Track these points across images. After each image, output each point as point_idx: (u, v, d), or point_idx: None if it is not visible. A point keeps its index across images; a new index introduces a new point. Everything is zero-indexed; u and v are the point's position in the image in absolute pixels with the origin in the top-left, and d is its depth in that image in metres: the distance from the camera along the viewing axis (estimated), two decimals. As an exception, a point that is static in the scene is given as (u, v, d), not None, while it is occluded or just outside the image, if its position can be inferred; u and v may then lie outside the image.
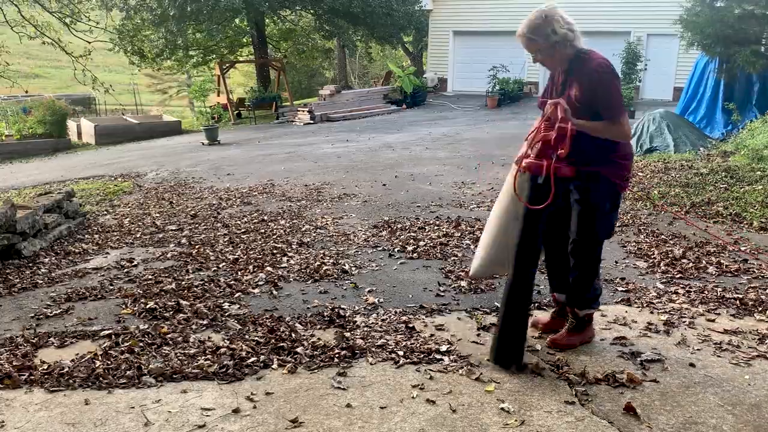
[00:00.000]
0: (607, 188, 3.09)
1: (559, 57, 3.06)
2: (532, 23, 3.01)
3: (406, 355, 3.25)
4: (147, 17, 18.88)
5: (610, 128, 2.99)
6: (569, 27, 2.99)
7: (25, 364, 3.19)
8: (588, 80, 2.98)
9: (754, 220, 5.89)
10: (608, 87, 2.96)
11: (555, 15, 2.99)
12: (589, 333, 3.39)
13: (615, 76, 3.00)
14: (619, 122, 2.98)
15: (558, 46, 3.00)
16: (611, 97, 2.96)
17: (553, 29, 2.97)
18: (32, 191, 8.68)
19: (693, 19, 10.70)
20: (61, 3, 14.20)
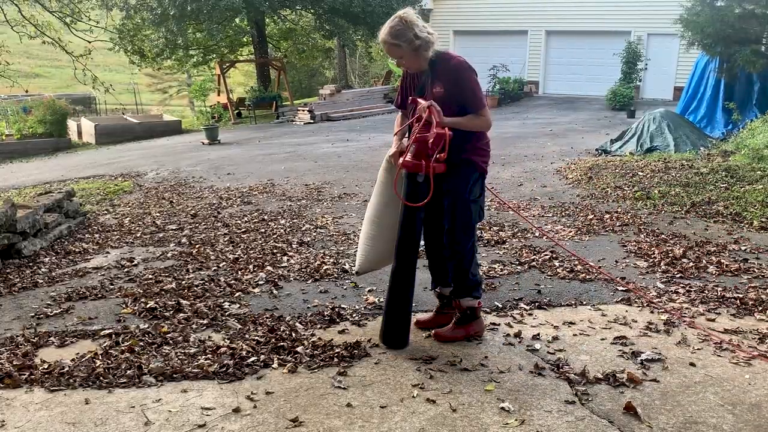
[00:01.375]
0: (476, 175, 3.30)
1: (422, 60, 3.18)
2: (393, 29, 3.10)
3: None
4: (147, 17, 18.87)
5: (474, 120, 3.20)
6: (428, 30, 3.14)
7: (25, 363, 3.19)
8: (452, 77, 3.16)
9: (755, 220, 5.89)
10: (470, 82, 3.15)
11: (414, 20, 3.11)
12: (476, 327, 3.45)
13: (474, 72, 3.19)
14: (482, 114, 3.20)
15: (421, 49, 3.12)
16: (474, 91, 3.16)
17: (415, 33, 3.08)
18: (32, 191, 8.68)
19: (693, 18, 10.71)
20: (61, 3, 14.22)
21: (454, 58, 3.19)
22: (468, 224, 3.28)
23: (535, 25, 20.07)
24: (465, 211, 3.26)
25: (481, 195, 3.35)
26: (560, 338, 3.46)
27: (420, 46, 3.10)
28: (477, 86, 3.18)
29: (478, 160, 3.30)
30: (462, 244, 3.29)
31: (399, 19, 3.09)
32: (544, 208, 6.72)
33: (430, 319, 3.61)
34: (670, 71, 18.20)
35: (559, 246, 5.08)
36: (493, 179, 8.40)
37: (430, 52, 3.15)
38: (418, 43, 3.09)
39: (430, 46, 3.13)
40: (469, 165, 3.27)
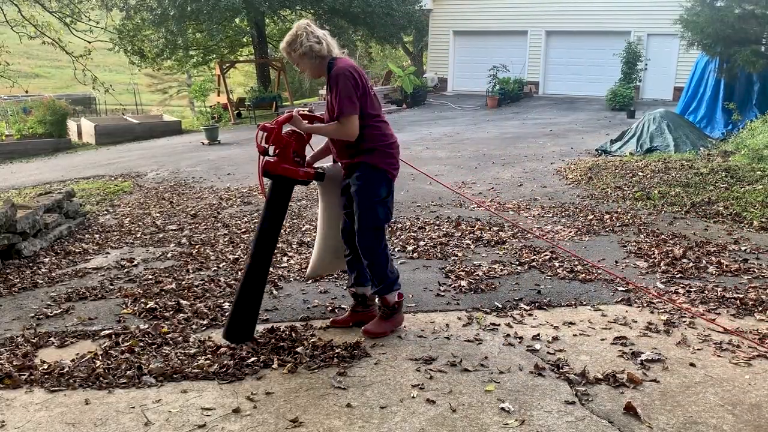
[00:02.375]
0: (378, 175, 3.37)
1: (312, 66, 3.34)
2: (287, 38, 3.32)
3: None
4: (147, 17, 18.86)
5: (336, 128, 3.29)
6: (316, 39, 3.27)
7: (25, 363, 3.19)
8: (330, 83, 3.29)
9: (755, 220, 5.89)
10: (337, 89, 3.23)
11: (305, 30, 3.28)
12: (399, 319, 3.59)
13: (349, 80, 3.23)
14: (341, 122, 3.24)
15: (307, 57, 3.28)
16: (339, 99, 3.23)
17: (301, 42, 3.26)
18: (32, 191, 8.68)
19: (693, 18, 10.71)
20: (61, 3, 14.21)
21: (336, 65, 3.28)
22: (372, 224, 3.38)
23: (535, 25, 20.07)
24: (369, 212, 3.36)
25: (387, 196, 3.42)
26: (560, 338, 3.46)
27: (305, 53, 3.26)
28: (344, 94, 3.21)
29: (374, 161, 3.35)
30: (371, 244, 3.39)
31: (294, 29, 3.30)
32: (544, 208, 6.72)
33: (346, 318, 3.69)
34: (670, 71, 18.20)
35: (529, 232, 5.08)
36: (494, 179, 8.40)
37: (317, 60, 3.29)
38: (302, 51, 3.26)
39: (315, 53, 3.27)
40: (366, 167, 3.35)
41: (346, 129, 3.25)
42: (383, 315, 3.53)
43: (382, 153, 3.36)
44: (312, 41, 3.25)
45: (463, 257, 5.00)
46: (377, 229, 3.40)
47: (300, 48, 3.25)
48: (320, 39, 3.28)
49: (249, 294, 3.37)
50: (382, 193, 3.38)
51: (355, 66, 3.31)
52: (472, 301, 4.06)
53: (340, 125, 3.25)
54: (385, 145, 3.38)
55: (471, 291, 4.25)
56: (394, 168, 3.44)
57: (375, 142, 3.35)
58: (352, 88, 3.22)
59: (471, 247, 5.28)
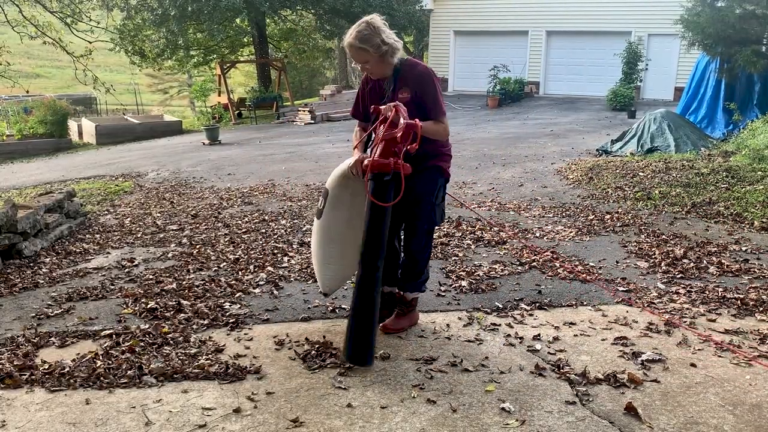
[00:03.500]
0: (442, 180, 3.41)
1: (387, 66, 3.23)
2: (361, 33, 3.12)
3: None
4: (148, 17, 18.88)
5: (435, 127, 3.24)
6: (394, 37, 3.18)
7: (26, 363, 3.19)
8: (419, 83, 3.21)
9: (756, 220, 5.89)
10: (434, 90, 3.24)
11: (382, 26, 3.15)
12: (416, 316, 3.64)
13: (437, 81, 3.28)
14: (442, 121, 3.26)
15: (387, 55, 3.17)
16: (437, 98, 3.23)
17: (382, 39, 3.12)
18: (33, 191, 8.68)
19: (694, 19, 10.71)
20: (62, 3, 14.21)
21: (420, 64, 3.30)
22: (431, 227, 3.43)
23: (535, 25, 20.07)
24: (430, 215, 3.37)
25: (443, 199, 3.47)
26: (561, 339, 3.46)
27: (386, 51, 3.15)
28: (440, 94, 3.27)
29: (443, 166, 3.40)
30: (422, 245, 3.42)
31: (366, 24, 3.13)
32: (544, 208, 6.72)
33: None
34: (671, 72, 18.20)
35: (501, 228, 5.08)
36: (494, 180, 8.40)
37: (395, 58, 3.22)
38: (385, 49, 3.13)
39: (396, 52, 3.19)
40: (435, 170, 3.36)
41: (445, 128, 3.29)
42: (401, 311, 3.56)
43: (446, 156, 3.43)
44: (393, 39, 3.15)
45: (463, 257, 5.00)
46: (430, 230, 3.46)
47: (384, 46, 3.11)
48: (396, 37, 3.20)
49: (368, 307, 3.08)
50: (441, 196, 3.44)
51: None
52: (472, 301, 4.06)
53: (441, 124, 3.25)
54: (449, 149, 3.46)
55: (471, 291, 4.25)
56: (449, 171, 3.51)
57: (446, 147, 3.42)
58: (440, 89, 3.29)
59: (472, 247, 5.28)
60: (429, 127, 3.21)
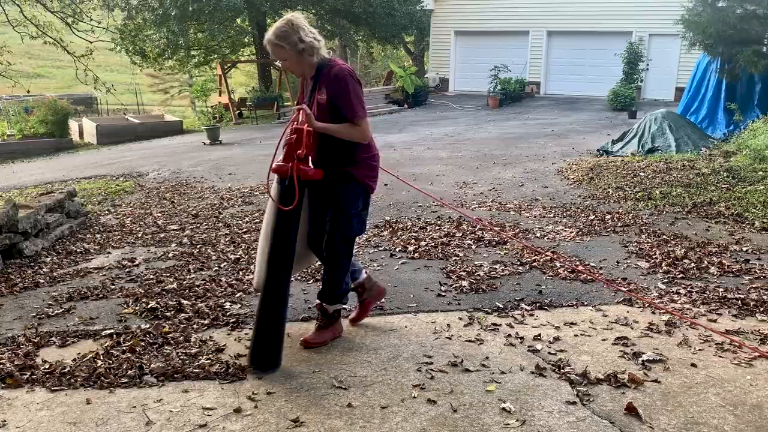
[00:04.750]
0: (358, 189, 3.29)
1: (306, 64, 3.17)
2: (279, 30, 3.09)
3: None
4: (149, 17, 18.88)
5: (350, 130, 3.15)
6: (314, 36, 3.13)
7: (26, 363, 3.19)
8: (332, 85, 3.13)
9: (756, 221, 5.88)
10: (349, 91, 3.12)
11: (301, 23, 3.11)
12: (339, 328, 3.50)
13: (356, 81, 3.17)
14: (358, 124, 3.15)
15: (304, 53, 3.11)
16: (352, 100, 3.12)
17: (299, 37, 3.07)
18: (34, 191, 8.69)
19: (695, 19, 10.70)
20: (63, 3, 14.21)
21: (337, 65, 3.18)
22: (345, 236, 3.31)
23: (536, 25, 20.06)
24: (344, 223, 3.28)
25: (364, 209, 3.36)
26: (561, 339, 3.46)
27: (303, 50, 3.09)
28: (356, 96, 3.14)
29: (359, 174, 3.26)
30: (339, 254, 3.32)
31: (286, 21, 3.10)
32: (545, 208, 6.72)
33: (359, 312, 3.67)
34: (672, 72, 18.18)
35: (466, 216, 5.08)
36: (495, 180, 8.40)
37: (315, 57, 3.14)
38: (302, 47, 3.08)
39: (315, 51, 3.12)
40: (350, 178, 3.25)
41: (362, 130, 3.17)
42: (322, 324, 3.44)
43: (366, 166, 3.30)
44: (311, 36, 3.10)
45: (464, 257, 5.00)
46: (349, 241, 3.35)
47: (300, 43, 3.07)
48: (317, 36, 3.14)
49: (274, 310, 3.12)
50: (359, 206, 3.32)
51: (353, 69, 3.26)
52: (473, 302, 4.05)
53: (356, 127, 3.15)
54: (369, 157, 3.31)
55: (472, 291, 4.24)
56: (374, 181, 3.37)
57: (363, 153, 3.27)
58: (360, 90, 3.16)
59: (472, 247, 5.28)
60: (340, 130, 3.15)
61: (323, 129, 3.15)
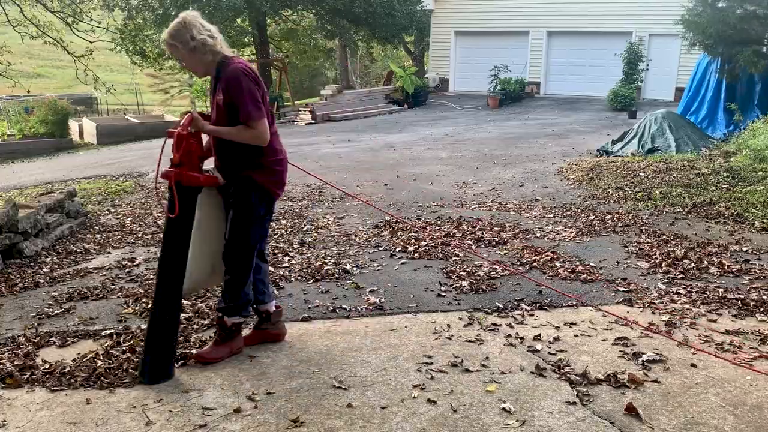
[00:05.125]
0: (260, 193, 3.12)
1: (201, 63, 3.05)
2: (172, 29, 3.01)
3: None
4: (149, 17, 18.88)
5: (243, 132, 3.00)
6: (209, 33, 3.00)
7: (26, 363, 3.19)
8: (226, 85, 2.98)
9: (756, 221, 5.88)
10: (242, 91, 2.96)
11: (194, 21, 3.00)
12: (238, 343, 3.29)
13: (251, 80, 2.99)
14: (252, 126, 2.98)
15: (197, 51, 2.99)
16: (245, 100, 2.95)
17: (191, 35, 2.96)
18: (34, 191, 8.68)
19: (695, 19, 10.70)
20: (63, 3, 14.21)
21: (232, 64, 3.02)
22: (244, 243, 3.14)
23: (536, 25, 20.05)
24: (243, 231, 3.12)
25: (265, 215, 3.20)
26: (561, 339, 3.46)
27: (195, 47, 2.97)
28: (250, 96, 2.96)
29: (259, 179, 3.10)
30: (237, 261, 3.15)
31: (179, 19, 3.01)
32: (545, 208, 6.72)
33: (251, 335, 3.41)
34: (672, 72, 18.18)
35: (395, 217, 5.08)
36: (495, 180, 8.40)
37: (209, 55, 3.01)
38: (193, 45, 2.96)
39: (209, 49, 2.99)
40: (249, 183, 3.09)
41: (258, 133, 2.98)
42: (219, 338, 3.25)
43: (269, 170, 3.13)
44: (205, 34, 2.98)
45: (464, 257, 5.00)
46: (249, 248, 3.16)
47: (192, 41, 2.95)
48: (213, 33, 3.02)
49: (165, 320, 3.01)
50: (261, 212, 3.16)
51: (253, 67, 3.08)
52: (473, 302, 4.05)
53: (250, 129, 2.98)
54: (274, 161, 3.14)
55: (472, 291, 4.24)
56: (279, 186, 3.20)
57: (265, 157, 3.10)
58: (255, 90, 2.98)
59: (473, 247, 5.28)
60: (232, 132, 3.01)
61: (214, 132, 3.05)
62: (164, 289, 3.03)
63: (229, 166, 3.13)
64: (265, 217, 3.22)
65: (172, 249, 3.04)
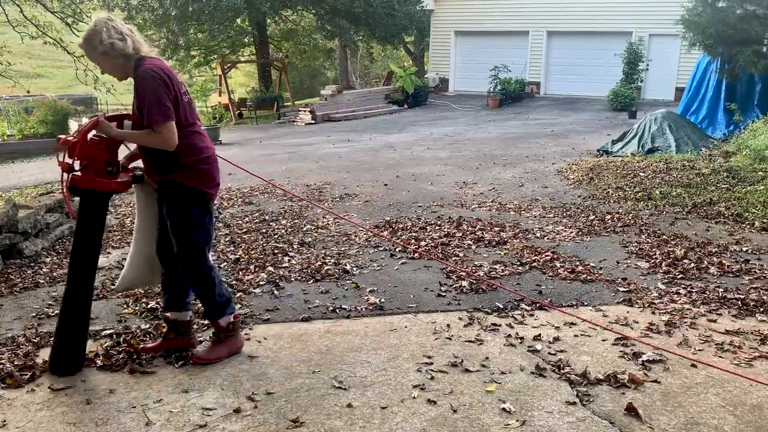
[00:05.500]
0: (190, 195, 3.04)
1: (114, 66, 2.99)
2: (86, 33, 2.96)
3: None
4: (149, 17, 18.90)
5: (149, 136, 2.92)
6: (119, 36, 2.92)
7: (26, 363, 3.19)
8: (135, 87, 2.93)
9: (756, 221, 5.88)
10: (145, 93, 2.88)
11: (105, 24, 2.93)
12: (237, 343, 3.28)
13: (159, 82, 2.89)
14: (157, 130, 2.88)
15: (108, 55, 2.93)
16: (148, 102, 2.87)
17: (100, 39, 2.90)
18: (34, 191, 8.68)
19: (695, 19, 10.70)
20: (63, 3, 14.22)
21: (142, 66, 2.93)
22: (191, 249, 3.07)
23: (536, 25, 20.06)
24: (184, 236, 3.06)
25: (204, 216, 3.09)
26: (561, 339, 3.46)
27: (105, 52, 2.91)
28: (154, 98, 2.86)
29: (186, 181, 3.01)
30: (192, 269, 3.10)
31: (92, 23, 2.96)
32: (545, 208, 6.72)
33: (156, 345, 3.31)
34: (672, 72, 18.19)
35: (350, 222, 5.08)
36: (495, 180, 8.40)
37: (120, 59, 2.94)
38: (102, 49, 2.91)
39: (118, 52, 2.92)
40: (176, 186, 3.02)
41: (163, 137, 2.88)
42: (216, 339, 3.22)
43: (194, 170, 3.02)
44: (114, 38, 2.89)
45: (464, 257, 5.00)
46: (197, 252, 3.08)
47: (100, 46, 2.89)
48: (124, 35, 2.92)
49: (74, 321, 3.06)
50: (196, 215, 3.05)
51: (166, 67, 2.99)
52: (473, 302, 4.05)
53: (154, 133, 2.88)
54: (197, 161, 3.03)
55: (472, 291, 4.24)
56: (210, 186, 3.09)
57: (186, 157, 3.00)
58: (163, 91, 2.87)
59: (472, 248, 5.28)
60: (138, 137, 2.97)
61: (120, 136, 3.01)
62: (70, 290, 3.07)
63: (152, 169, 3.08)
64: (204, 219, 3.10)
65: (77, 251, 3.06)
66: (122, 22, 2.98)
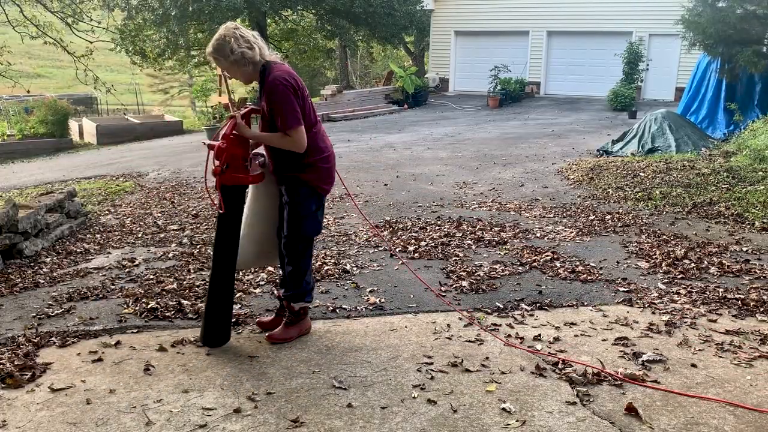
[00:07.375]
0: (307, 191, 3.32)
1: (243, 73, 3.22)
2: (214, 43, 3.16)
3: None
4: (149, 17, 18.88)
5: (282, 139, 3.18)
6: (248, 45, 3.14)
7: (26, 363, 3.19)
8: (267, 93, 3.15)
9: (756, 221, 5.89)
10: (278, 99, 3.11)
11: (234, 35, 3.13)
12: (306, 325, 3.56)
13: (288, 89, 3.12)
14: (290, 134, 3.14)
15: (238, 64, 3.15)
16: (282, 110, 3.11)
17: (231, 48, 3.11)
18: (34, 191, 8.68)
19: (695, 19, 10.70)
20: (63, 3, 14.23)
21: (272, 74, 3.16)
22: (300, 236, 3.36)
23: (536, 25, 20.06)
24: (297, 224, 3.33)
25: (317, 210, 3.40)
26: (561, 339, 3.46)
27: (236, 60, 3.13)
28: (287, 104, 3.12)
29: (304, 177, 3.29)
30: (296, 253, 3.38)
31: (219, 34, 3.15)
32: (545, 208, 6.72)
33: (271, 320, 3.64)
34: (672, 72, 18.18)
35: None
36: (495, 180, 8.40)
37: (249, 67, 3.17)
38: (233, 58, 3.13)
39: (248, 61, 3.14)
40: (296, 181, 3.29)
41: (294, 140, 3.16)
42: (288, 321, 3.50)
43: (315, 168, 3.31)
44: (244, 47, 3.12)
45: (464, 257, 5.00)
46: (305, 240, 3.40)
47: (231, 55, 3.12)
48: (252, 44, 3.15)
49: (221, 298, 3.34)
50: (312, 208, 3.36)
51: (293, 73, 3.22)
52: (473, 302, 4.05)
53: (288, 137, 3.16)
54: (318, 160, 3.31)
55: (472, 291, 4.25)
56: (327, 183, 3.40)
57: (310, 157, 3.28)
58: (293, 99, 3.13)
59: (472, 248, 5.28)
60: (272, 139, 3.22)
61: (254, 138, 3.24)
62: (217, 270, 3.33)
63: (278, 167, 3.33)
64: (317, 211, 3.41)
65: (223, 238, 3.31)
66: (247, 28, 3.18)
